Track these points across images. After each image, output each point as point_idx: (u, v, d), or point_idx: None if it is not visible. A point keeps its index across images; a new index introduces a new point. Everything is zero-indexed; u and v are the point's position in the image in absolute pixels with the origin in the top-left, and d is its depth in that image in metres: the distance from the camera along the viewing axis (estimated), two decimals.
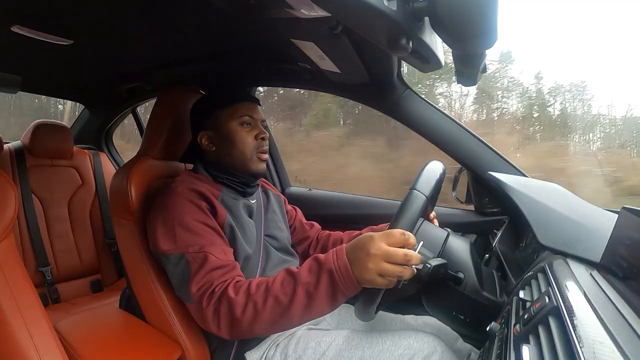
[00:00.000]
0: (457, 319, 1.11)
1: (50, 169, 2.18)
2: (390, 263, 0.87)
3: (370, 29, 0.77)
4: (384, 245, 0.88)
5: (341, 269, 0.91)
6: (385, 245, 0.88)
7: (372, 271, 0.88)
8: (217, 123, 1.27)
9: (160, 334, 1.25)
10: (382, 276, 0.88)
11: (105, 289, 2.26)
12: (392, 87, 1.49)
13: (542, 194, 1.23)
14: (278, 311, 0.96)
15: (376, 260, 0.87)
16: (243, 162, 1.26)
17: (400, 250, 0.87)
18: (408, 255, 0.87)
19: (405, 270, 0.88)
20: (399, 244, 0.88)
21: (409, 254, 0.87)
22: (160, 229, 1.12)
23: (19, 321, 0.85)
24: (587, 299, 0.68)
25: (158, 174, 1.37)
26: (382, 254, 0.87)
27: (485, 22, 0.64)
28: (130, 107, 2.47)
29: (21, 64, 1.72)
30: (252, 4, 0.91)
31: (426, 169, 1.08)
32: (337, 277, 0.92)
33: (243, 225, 1.24)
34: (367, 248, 0.89)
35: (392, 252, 0.87)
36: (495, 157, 1.47)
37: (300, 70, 1.54)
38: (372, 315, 0.98)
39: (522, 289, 0.88)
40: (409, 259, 0.87)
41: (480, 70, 0.90)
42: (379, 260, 0.87)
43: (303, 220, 1.59)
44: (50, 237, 2.10)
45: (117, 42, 1.47)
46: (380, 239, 0.89)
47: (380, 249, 0.87)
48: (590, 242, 0.96)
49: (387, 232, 0.90)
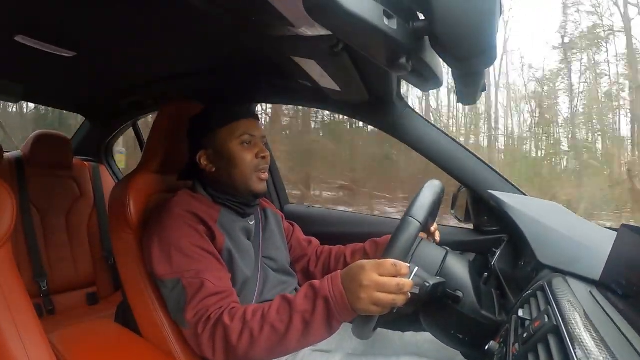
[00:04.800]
0: (456, 337, 1.11)
1: (49, 179, 2.18)
2: (382, 292, 0.87)
3: (370, 47, 0.78)
4: (375, 276, 0.88)
5: (336, 296, 0.92)
6: (377, 275, 0.88)
7: (365, 301, 0.88)
8: (216, 142, 1.24)
9: (155, 349, 1.24)
10: (376, 305, 0.88)
11: (101, 301, 2.24)
12: (392, 106, 1.49)
13: (541, 212, 1.23)
14: (275, 339, 0.96)
15: (369, 291, 0.88)
16: (243, 182, 1.24)
17: (393, 279, 0.88)
18: (400, 284, 0.87)
19: (398, 298, 0.88)
20: (390, 274, 0.88)
21: (401, 283, 0.87)
22: (156, 252, 1.11)
23: (13, 331, 0.84)
24: (587, 317, 0.68)
25: (158, 188, 1.37)
26: (374, 285, 0.87)
27: (484, 41, 0.65)
28: (131, 121, 2.47)
29: (23, 73, 1.73)
30: (253, 21, 0.92)
31: (422, 192, 1.07)
32: (332, 305, 0.92)
33: (241, 248, 1.22)
34: (359, 279, 0.89)
35: (383, 282, 0.87)
36: (495, 175, 1.47)
37: (300, 88, 1.54)
38: (370, 333, 0.98)
39: (521, 308, 0.88)
40: (401, 287, 0.87)
41: (480, 89, 0.91)
42: (372, 291, 0.87)
43: (301, 237, 1.57)
44: (47, 248, 2.09)
45: (119, 56, 1.48)
46: (372, 270, 0.89)
47: (372, 280, 0.88)
48: (589, 260, 0.96)
49: (378, 262, 0.90)
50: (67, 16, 1.15)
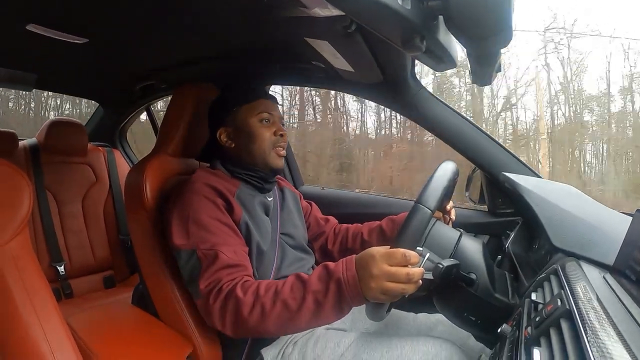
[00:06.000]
0: (469, 320, 1.11)
1: (64, 165, 2.20)
2: (392, 282, 0.88)
3: (384, 28, 0.77)
4: (385, 266, 0.88)
5: (349, 281, 0.92)
6: (387, 266, 0.88)
7: (375, 290, 0.89)
8: (236, 119, 1.28)
9: (172, 330, 1.26)
10: (386, 294, 0.89)
11: (118, 284, 2.28)
12: (406, 86, 1.48)
13: (556, 195, 1.21)
14: (286, 315, 0.97)
15: (378, 281, 0.88)
16: (262, 158, 1.27)
17: (402, 269, 0.88)
18: (410, 274, 0.87)
19: (407, 287, 0.88)
20: (400, 264, 0.88)
21: (411, 273, 0.87)
22: (175, 224, 1.14)
23: (32, 315, 0.86)
24: (600, 302, 0.67)
25: (173, 170, 1.38)
26: (384, 275, 0.88)
27: (499, 21, 0.64)
28: (145, 105, 2.48)
29: (36, 62, 1.74)
30: (266, 3, 0.91)
31: (435, 176, 1.04)
32: (344, 288, 0.92)
33: (259, 223, 1.24)
34: (370, 268, 0.89)
35: (393, 271, 0.87)
36: (509, 157, 1.45)
37: (313, 69, 1.54)
38: (383, 315, 0.98)
39: (534, 291, 0.87)
40: (411, 277, 0.87)
41: (496, 70, 0.89)
42: (382, 281, 0.88)
43: (318, 216, 1.59)
44: (64, 233, 2.12)
45: (131, 41, 1.48)
46: (382, 260, 0.89)
47: (382, 270, 0.88)
48: (603, 244, 0.95)
49: (389, 252, 0.90)
50: (78, 3, 1.15)
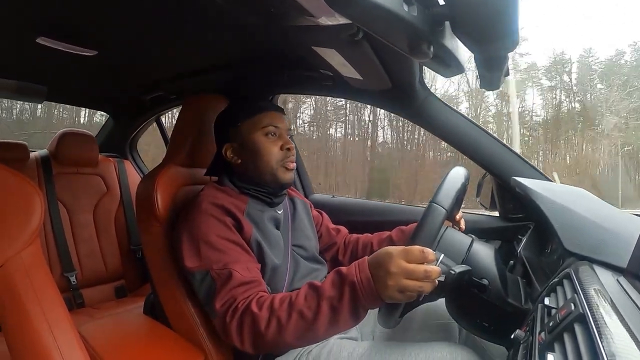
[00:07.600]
0: (482, 326, 1.10)
1: (75, 176, 2.23)
2: (410, 279, 0.87)
3: (391, 35, 0.78)
4: (403, 263, 0.87)
5: (363, 282, 0.91)
6: (405, 262, 0.87)
7: (392, 288, 0.87)
8: (241, 135, 1.26)
9: (183, 340, 1.26)
10: (403, 292, 0.88)
11: (129, 294, 2.29)
12: (414, 93, 1.48)
13: (568, 198, 1.20)
14: (303, 325, 0.96)
15: (396, 278, 0.87)
16: (270, 174, 1.25)
17: (420, 266, 0.87)
18: (428, 271, 0.86)
19: (425, 285, 0.87)
20: (417, 261, 0.87)
21: (428, 270, 0.86)
22: (186, 246, 1.14)
23: (44, 324, 0.86)
24: (614, 305, 0.66)
25: (184, 181, 1.38)
26: (402, 272, 0.87)
27: (506, 24, 0.64)
28: (154, 116, 2.51)
29: (47, 74, 1.77)
30: (273, 13, 0.92)
31: (447, 178, 1.07)
32: (359, 291, 0.91)
33: (269, 238, 1.23)
34: (387, 266, 0.88)
35: (411, 268, 0.86)
36: (520, 161, 1.45)
37: (321, 77, 1.54)
38: (397, 320, 0.98)
39: (547, 296, 0.86)
40: (428, 274, 0.86)
41: (504, 74, 0.89)
42: (399, 278, 0.87)
43: (330, 226, 1.57)
44: (75, 243, 2.14)
45: (140, 52, 1.50)
46: (399, 257, 0.88)
47: (399, 266, 0.87)
48: (616, 247, 0.94)
49: (406, 249, 0.89)
50: (87, 16, 1.17)
